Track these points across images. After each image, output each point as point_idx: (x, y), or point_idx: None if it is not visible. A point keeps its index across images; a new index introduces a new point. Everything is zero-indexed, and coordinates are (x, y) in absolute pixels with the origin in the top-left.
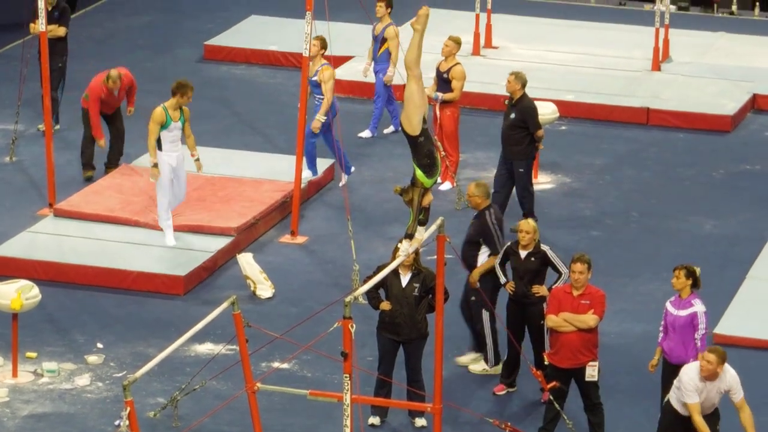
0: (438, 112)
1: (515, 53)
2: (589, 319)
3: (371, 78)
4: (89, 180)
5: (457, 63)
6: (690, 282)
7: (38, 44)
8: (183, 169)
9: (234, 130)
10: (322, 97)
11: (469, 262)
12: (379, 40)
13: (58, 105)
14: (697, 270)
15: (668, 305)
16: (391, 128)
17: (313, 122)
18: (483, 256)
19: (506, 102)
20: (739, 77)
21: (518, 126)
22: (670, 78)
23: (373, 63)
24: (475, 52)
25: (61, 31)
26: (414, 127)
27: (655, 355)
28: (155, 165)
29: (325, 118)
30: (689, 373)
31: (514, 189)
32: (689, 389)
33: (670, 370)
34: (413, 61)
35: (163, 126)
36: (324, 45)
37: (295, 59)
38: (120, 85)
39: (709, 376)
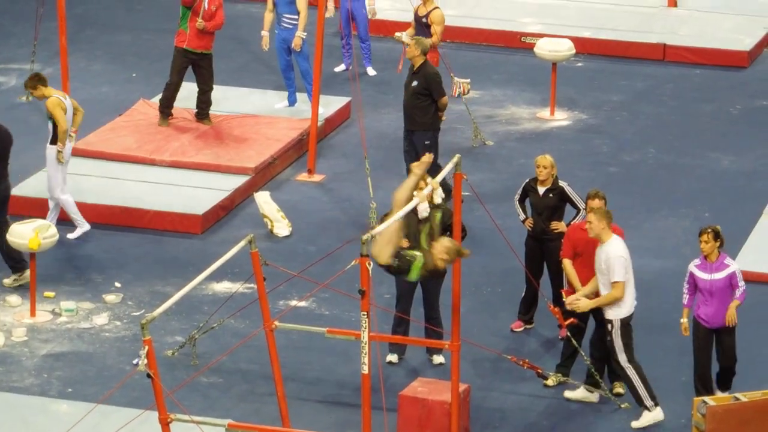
0: None
1: None
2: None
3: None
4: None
5: (436, 7)
6: (718, 243)
7: None
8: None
9: (249, 69)
10: (292, 16)
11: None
12: None
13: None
14: (719, 228)
15: (695, 270)
16: (342, 66)
17: (295, 39)
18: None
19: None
20: (755, 12)
21: (421, 94)
22: (686, 14)
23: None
24: None
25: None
26: (384, 260)
27: (683, 317)
28: (60, 151)
29: (305, 34)
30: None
31: None
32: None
33: (707, 337)
34: (402, 202)
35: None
36: None
37: None
38: None
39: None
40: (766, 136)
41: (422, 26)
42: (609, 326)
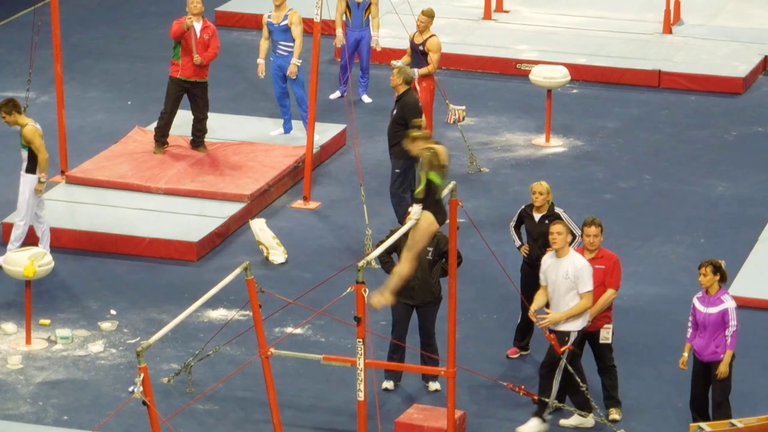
0: (417, 85)
1: (526, 17)
2: (609, 296)
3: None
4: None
5: (433, 35)
6: (717, 277)
7: (50, 12)
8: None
9: (246, 96)
10: (287, 44)
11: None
12: (363, 8)
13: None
14: (722, 263)
15: (696, 302)
16: (337, 93)
17: (290, 67)
18: None
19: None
20: (750, 39)
21: (398, 123)
22: (681, 41)
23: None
24: (486, 16)
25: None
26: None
27: (684, 351)
28: (42, 181)
29: (300, 61)
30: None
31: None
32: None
33: (700, 370)
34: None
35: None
36: None
37: (306, 25)
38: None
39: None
40: (761, 163)
41: (418, 54)
42: (566, 338)
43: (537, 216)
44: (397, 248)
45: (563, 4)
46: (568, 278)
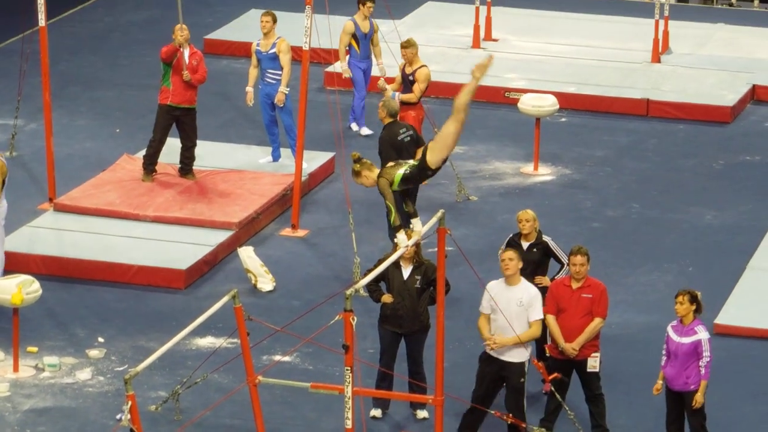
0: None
1: (515, 45)
2: (596, 325)
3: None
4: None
5: (423, 65)
6: (693, 307)
7: (38, 40)
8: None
9: (234, 124)
10: (276, 72)
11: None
12: (369, 37)
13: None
14: (699, 294)
15: (670, 331)
16: (356, 127)
17: (278, 95)
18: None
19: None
20: (738, 68)
21: (379, 156)
22: (669, 69)
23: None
24: (475, 44)
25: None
26: (436, 162)
27: (658, 380)
28: None
29: (288, 89)
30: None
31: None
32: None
33: (673, 398)
34: (463, 105)
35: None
36: (275, 19)
37: (294, 53)
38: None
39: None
40: (749, 191)
41: (409, 83)
42: (524, 367)
43: (525, 244)
44: (385, 277)
45: (552, 33)
46: (522, 305)
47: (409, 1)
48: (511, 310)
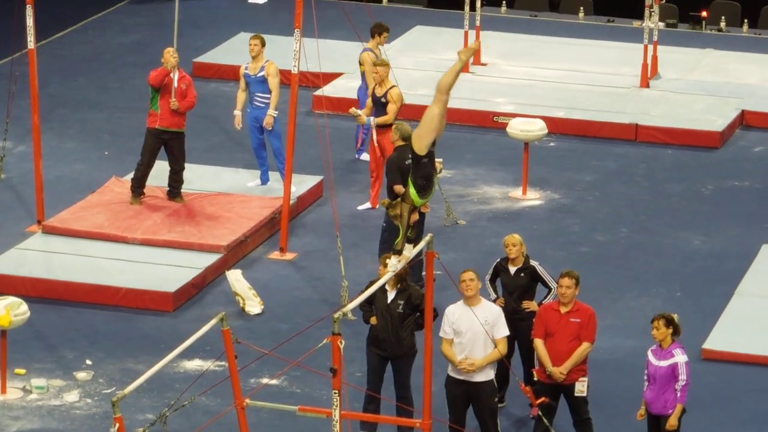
0: (375, 137)
1: (504, 70)
2: (584, 350)
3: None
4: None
5: (394, 86)
6: (670, 331)
7: (27, 62)
8: None
9: (223, 147)
10: (264, 95)
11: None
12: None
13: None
14: (675, 317)
15: (650, 354)
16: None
17: (266, 118)
18: None
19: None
20: (727, 93)
21: (386, 176)
22: (658, 94)
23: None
24: (464, 69)
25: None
26: (422, 148)
27: (642, 405)
28: None
29: (277, 113)
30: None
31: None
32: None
33: (652, 422)
34: (447, 86)
35: None
36: (263, 43)
37: (283, 76)
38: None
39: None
40: (737, 217)
41: (380, 106)
42: (494, 384)
43: (512, 269)
44: (374, 300)
45: (541, 57)
46: (487, 324)
47: (399, 25)
48: (479, 331)
